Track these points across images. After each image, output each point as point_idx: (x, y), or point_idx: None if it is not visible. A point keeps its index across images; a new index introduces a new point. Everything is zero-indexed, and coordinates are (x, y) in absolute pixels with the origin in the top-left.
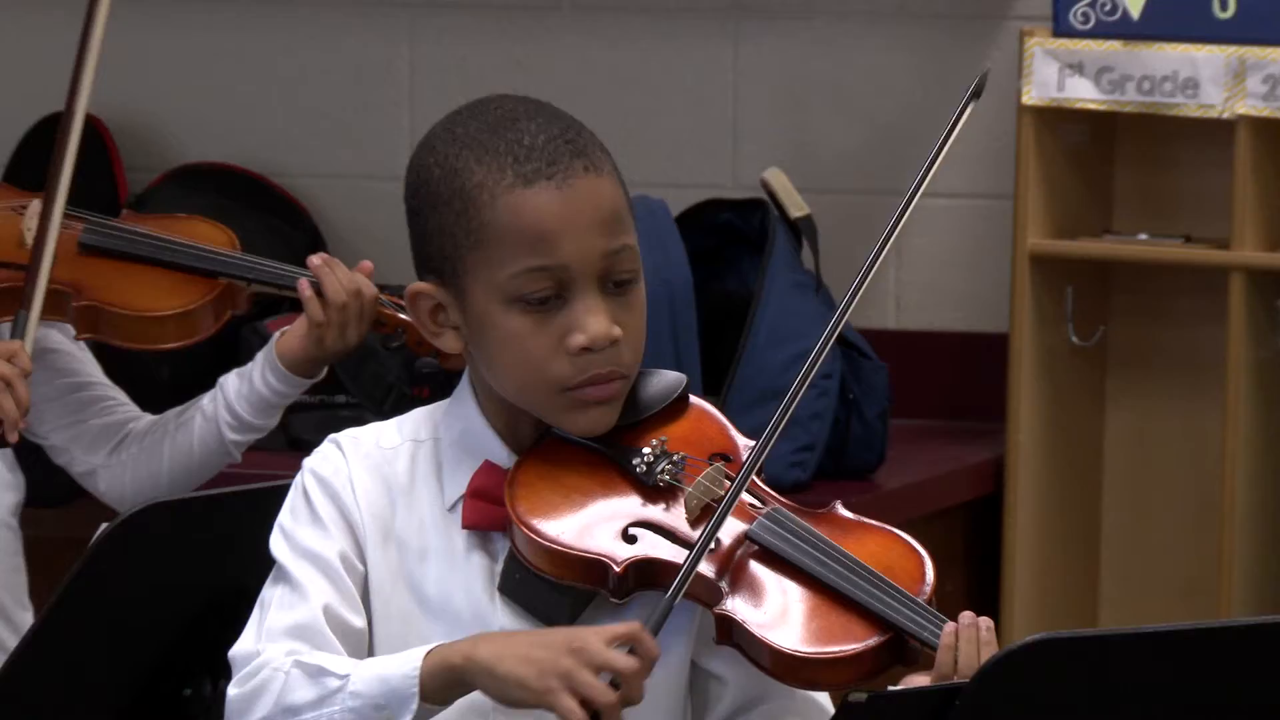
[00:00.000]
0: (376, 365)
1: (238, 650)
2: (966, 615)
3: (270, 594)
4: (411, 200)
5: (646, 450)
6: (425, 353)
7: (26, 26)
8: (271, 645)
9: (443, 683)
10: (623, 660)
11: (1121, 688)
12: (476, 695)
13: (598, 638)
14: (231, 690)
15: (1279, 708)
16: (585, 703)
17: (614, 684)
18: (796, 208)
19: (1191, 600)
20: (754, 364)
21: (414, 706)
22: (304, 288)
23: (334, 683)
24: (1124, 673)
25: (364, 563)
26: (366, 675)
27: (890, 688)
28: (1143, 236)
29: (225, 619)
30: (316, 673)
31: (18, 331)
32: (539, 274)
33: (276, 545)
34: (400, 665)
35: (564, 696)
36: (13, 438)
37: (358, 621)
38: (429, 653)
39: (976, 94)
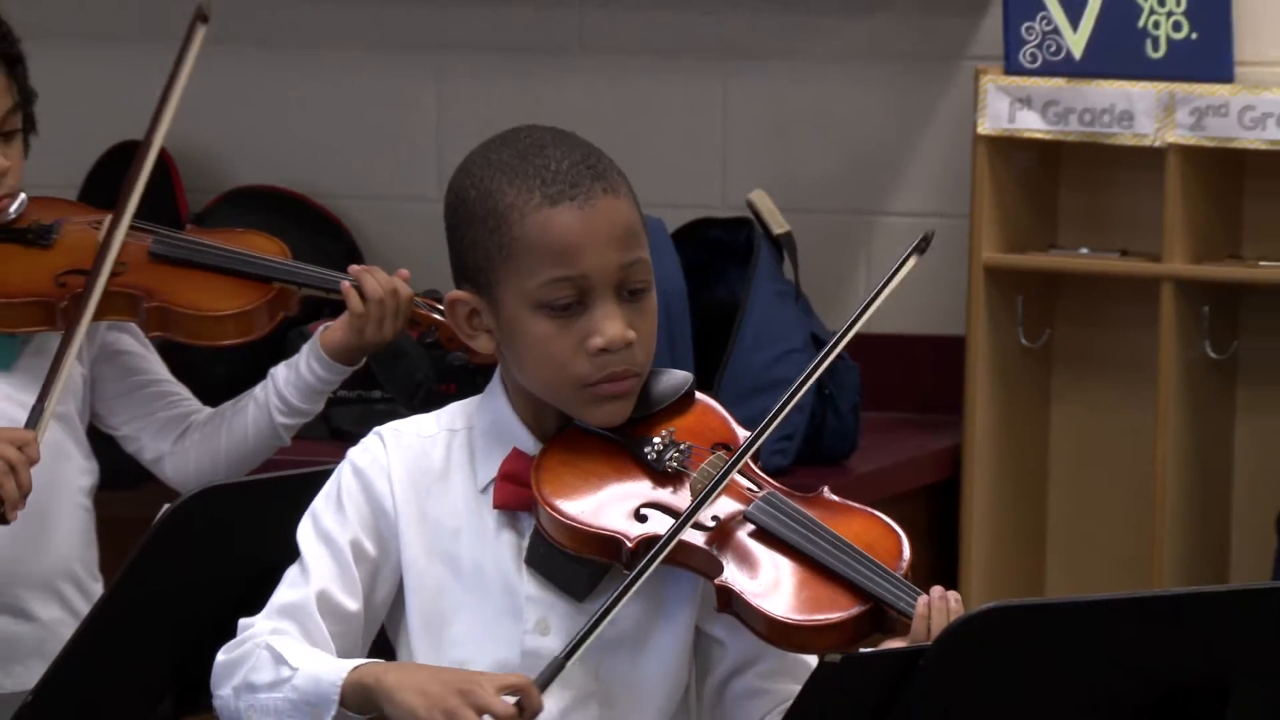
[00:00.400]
0: (408, 364)
1: (244, 619)
2: (938, 589)
3: (288, 571)
4: (450, 218)
5: (657, 440)
6: (456, 348)
7: (93, 68)
8: (263, 620)
9: (357, 696)
10: (503, 708)
11: (1065, 650)
12: None
13: (489, 684)
14: (220, 656)
15: (1201, 669)
16: None
17: None
18: (778, 225)
19: (1128, 575)
20: (741, 364)
21: (333, 711)
22: (347, 287)
23: (286, 672)
24: (1067, 637)
25: (381, 547)
26: (308, 673)
27: (863, 649)
28: (1084, 250)
29: (269, 587)
30: (278, 659)
31: (31, 422)
32: (563, 283)
33: (303, 526)
34: (331, 672)
35: None
36: (12, 518)
37: (352, 605)
38: (356, 667)
39: (920, 250)
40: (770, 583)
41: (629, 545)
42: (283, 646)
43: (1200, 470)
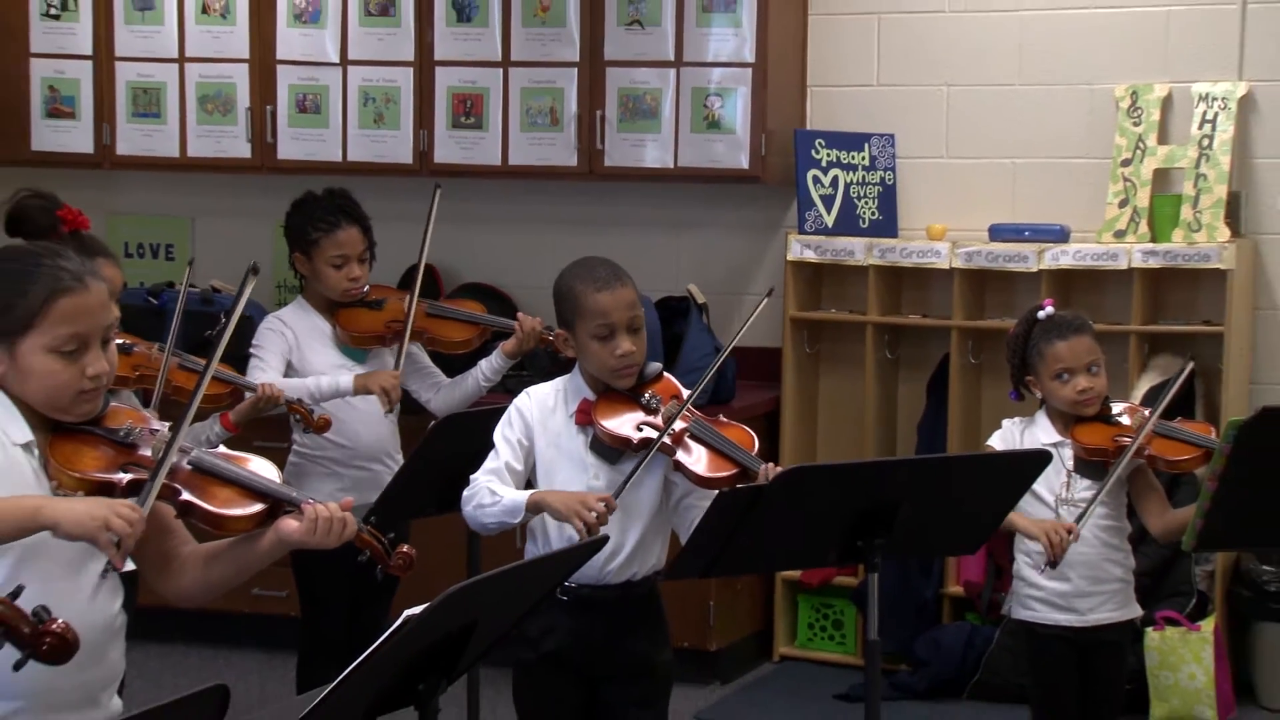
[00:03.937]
0: (534, 360)
1: (474, 475)
2: (770, 465)
3: (490, 454)
4: (556, 297)
5: (648, 394)
6: (557, 350)
7: (400, 234)
8: (482, 475)
9: (532, 507)
10: (599, 506)
11: (825, 487)
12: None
13: (592, 496)
14: (466, 492)
15: (886, 495)
16: (585, 523)
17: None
18: (701, 299)
19: (855, 454)
20: (683, 361)
21: (521, 514)
22: (520, 319)
23: (496, 498)
24: (828, 481)
25: (528, 442)
26: (508, 498)
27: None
28: (833, 310)
29: (477, 462)
30: (492, 492)
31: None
32: (603, 327)
33: (496, 433)
34: (520, 496)
35: (574, 519)
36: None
37: (519, 467)
38: (532, 494)
39: (768, 295)
40: (698, 460)
41: (634, 442)
42: (493, 486)
43: (883, 408)
